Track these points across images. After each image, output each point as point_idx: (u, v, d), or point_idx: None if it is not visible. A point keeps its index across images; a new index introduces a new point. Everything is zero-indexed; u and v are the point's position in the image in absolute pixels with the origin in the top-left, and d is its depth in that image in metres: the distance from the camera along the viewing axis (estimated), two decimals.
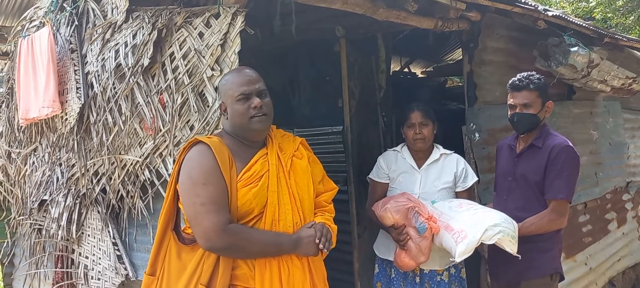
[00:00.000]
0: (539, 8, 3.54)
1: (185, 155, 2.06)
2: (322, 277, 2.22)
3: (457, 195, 2.99)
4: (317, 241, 2.03)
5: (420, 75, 7.44)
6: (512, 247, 2.49)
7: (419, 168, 3.00)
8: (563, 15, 3.73)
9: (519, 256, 2.50)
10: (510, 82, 2.79)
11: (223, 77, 2.22)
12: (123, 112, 3.08)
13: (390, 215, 2.76)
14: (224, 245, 1.94)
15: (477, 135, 3.52)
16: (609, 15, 10.19)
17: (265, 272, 2.01)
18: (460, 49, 4.04)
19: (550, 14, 3.57)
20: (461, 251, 2.48)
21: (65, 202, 3.52)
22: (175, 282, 2.03)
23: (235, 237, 1.94)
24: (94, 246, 3.36)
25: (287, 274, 2.04)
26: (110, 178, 3.23)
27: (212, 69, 2.64)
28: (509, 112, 2.79)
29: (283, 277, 2.03)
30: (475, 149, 3.50)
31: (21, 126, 3.95)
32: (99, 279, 3.32)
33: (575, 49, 3.58)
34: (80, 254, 3.47)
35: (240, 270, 2.00)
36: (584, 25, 3.93)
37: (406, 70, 7.15)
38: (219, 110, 2.17)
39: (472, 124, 3.54)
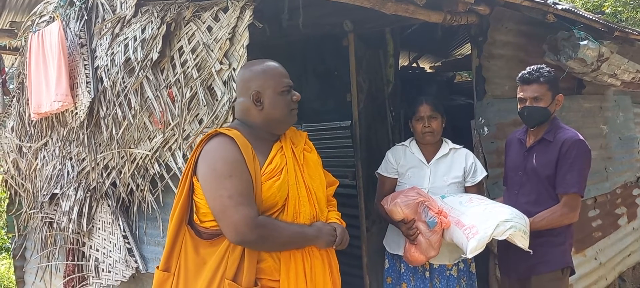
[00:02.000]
0: (548, 1, 3.51)
1: (202, 148, 2.02)
2: (337, 268, 2.24)
3: (467, 190, 2.98)
4: (340, 242, 2.12)
5: (428, 70, 7.42)
6: (523, 242, 2.48)
7: (428, 163, 3.00)
8: (573, 9, 3.70)
9: (531, 251, 2.49)
10: (519, 75, 2.77)
11: (253, 66, 2.15)
12: (132, 106, 3.11)
13: (400, 210, 2.76)
14: (255, 237, 1.91)
15: (485, 129, 3.50)
16: (619, 9, 10.09)
17: (290, 263, 2.01)
18: (469, 43, 4.02)
19: (559, 7, 3.54)
20: (473, 247, 2.47)
21: (76, 195, 3.56)
22: (193, 277, 2.00)
23: (265, 229, 1.93)
24: (105, 239, 3.39)
25: (310, 266, 2.06)
26: (120, 172, 3.25)
27: (221, 63, 2.66)
28: (519, 106, 2.77)
29: (306, 269, 2.05)
30: (484, 143, 3.49)
31: (32, 120, 3.98)
32: (109, 272, 3.35)
33: (585, 42, 3.54)
34: (91, 247, 3.51)
35: (265, 263, 1.99)
36: (593, 19, 3.89)
37: (415, 65, 7.13)
38: (250, 100, 2.07)
39: (480, 118, 3.52)
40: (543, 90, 2.69)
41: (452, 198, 2.81)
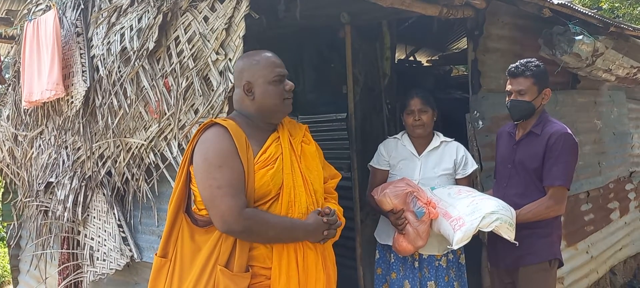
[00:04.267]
0: None
1: (199, 137, 2.05)
2: (332, 260, 2.26)
3: (458, 182, 3.01)
4: (325, 232, 2.09)
5: (425, 64, 7.43)
6: (509, 234, 2.51)
7: (419, 155, 3.03)
8: (568, 4, 3.72)
9: (517, 243, 2.52)
10: (508, 68, 2.81)
11: (247, 57, 2.18)
12: (128, 95, 3.11)
13: (389, 200, 2.79)
14: (241, 228, 1.94)
15: (480, 122, 3.52)
16: (617, 5, 10.12)
17: (282, 252, 2.03)
18: (466, 37, 4.04)
19: (555, 2, 3.56)
20: (459, 238, 2.51)
21: (71, 184, 3.57)
22: (189, 263, 2.04)
23: (251, 221, 1.95)
24: (100, 228, 3.40)
25: (303, 255, 2.08)
26: (116, 161, 3.26)
27: (217, 53, 2.66)
28: (506, 99, 2.81)
29: (299, 259, 2.06)
30: (478, 137, 3.51)
31: (27, 109, 3.98)
32: (104, 260, 3.36)
33: (580, 37, 3.56)
34: (86, 236, 3.52)
35: (258, 251, 2.02)
36: (589, 14, 3.91)
37: (411, 58, 7.14)
38: (241, 91, 2.11)
39: (475, 112, 3.54)
40: (528, 84, 2.72)
41: (442, 190, 2.84)
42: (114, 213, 3.29)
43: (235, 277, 1.96)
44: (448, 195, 2.75)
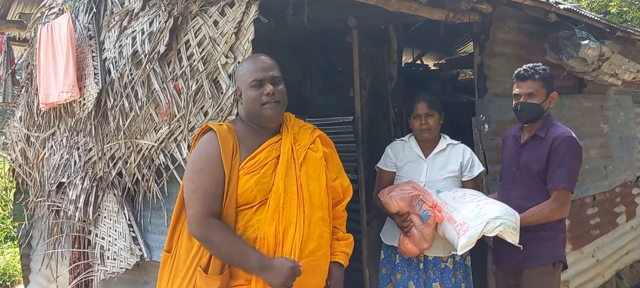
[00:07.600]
0: (550, 1, 3.55)
1: (198, 141, 2.15)
2: (327, 258, 2.23)
3: (464, 184, 3.04)
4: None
5: (432, 68, 7.46)
6: (513, 238, 2.53)
7: (426, 158, 3.06)
8: (575, 9, 3.74)
9: (521, 246, 2.55)
10: (515, 72, 2.84)
11: (240, 63, 2.26)
12: (139, 97, 3.16)
13: (395, 203, 2.83)
14: (199, 235, 2.02)
15: (486, 126, 3.55)
16: (625, 9, 10.09)
17: None
18: (472, 41, 4.06)
19: (561, 7, 3.58)
20: (463, 244, 2.53)
21: (83, 184, 3.62)
22: (183, 260, 2.12)
23: (208, 232, 2.00)
24: (110, 227, 3.45)
25: None
26: (126, 162, 3.31)
27: (226, 57, 2.71)
28: (514, 102, 2.83)
29: None
30: (484, 140, 3.53)
31: (40, 111, 4.05)
32: (114, 259, 3.41)
33: (586, 42, 3.58)
34: (96, 235, 3.57)
35: None
36: (595, 18, 3.93)
37: (418, 62, 7.17)
38: (234, 96, 2.22)
39: (481, 115, 3.57)
40: (537, 87, 2.75)
41: (447, 193, 2.86)
42: (124, 213, 3.34)
43: (208, 278, 2.03)
44: (453, 199, 2.77)
